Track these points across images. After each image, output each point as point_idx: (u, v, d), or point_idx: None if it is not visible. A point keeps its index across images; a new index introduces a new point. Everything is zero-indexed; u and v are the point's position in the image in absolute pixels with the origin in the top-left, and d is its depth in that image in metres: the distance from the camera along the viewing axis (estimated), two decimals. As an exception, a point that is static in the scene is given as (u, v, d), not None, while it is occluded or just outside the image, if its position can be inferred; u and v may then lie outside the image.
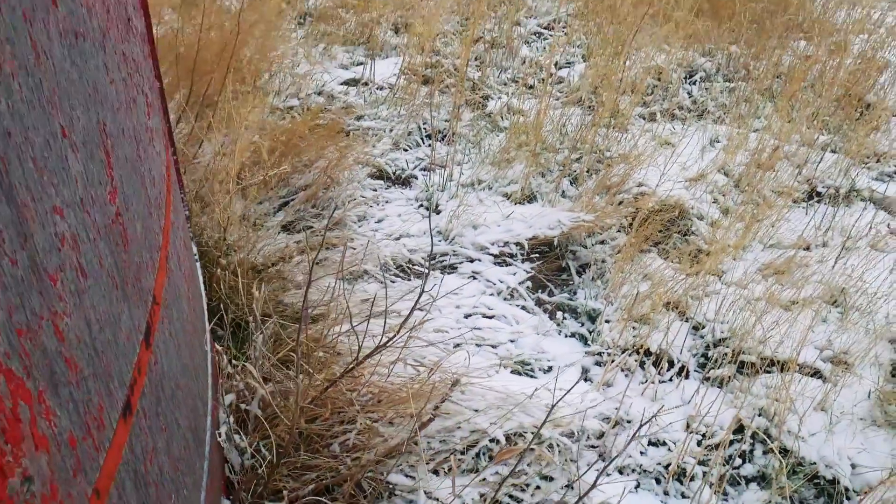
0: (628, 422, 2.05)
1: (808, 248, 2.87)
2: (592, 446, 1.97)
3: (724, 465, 1.97)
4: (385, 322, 1.62)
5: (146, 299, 1.12)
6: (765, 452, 2.04)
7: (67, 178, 0.82)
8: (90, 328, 0.86)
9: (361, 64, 3.89)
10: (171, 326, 1.28)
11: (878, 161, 3.55)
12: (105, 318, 0.91)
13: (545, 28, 4.59)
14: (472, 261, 2.64)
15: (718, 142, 3.53)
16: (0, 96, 0.67)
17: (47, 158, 0.77)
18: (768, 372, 2.26)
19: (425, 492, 1.71)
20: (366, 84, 3.71)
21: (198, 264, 1.95)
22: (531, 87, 3.90)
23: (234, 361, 1.77)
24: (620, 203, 2.84)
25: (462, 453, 1.86)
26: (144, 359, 1.08)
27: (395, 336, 1.52)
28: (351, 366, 1.51)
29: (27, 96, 0.73)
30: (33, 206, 0.73)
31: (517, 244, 2.70)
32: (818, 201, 3.21)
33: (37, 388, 0.68)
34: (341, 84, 3.73)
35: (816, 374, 2.29)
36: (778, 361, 2.27)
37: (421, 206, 2.93)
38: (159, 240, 1.25)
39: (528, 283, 2.60)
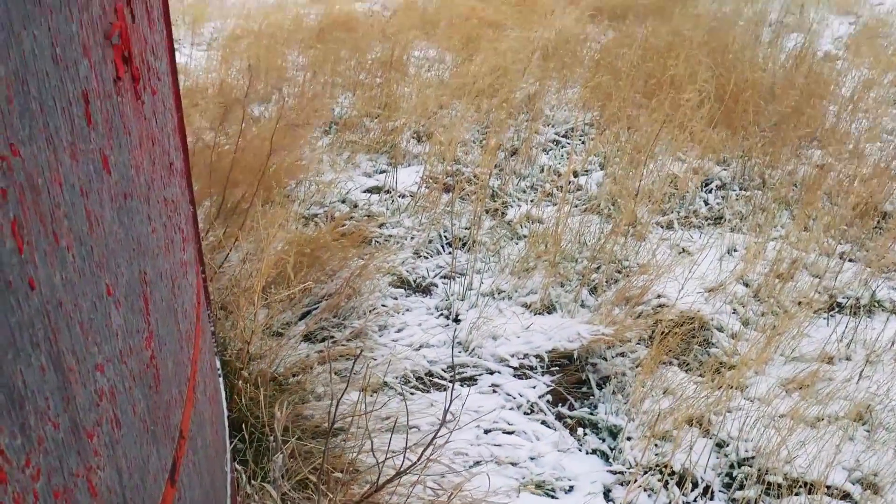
0: (653, 547, 2.00)
1: (831, 362, 2.84)
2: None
3: None
4: (406, 441, 1.63)
5: (173, 436, 1.14)
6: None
7: (109, 334, 0.85)
8: (121, 476, 0.88)
9: (384, 172, 4.01)
10: (195, 458, 1.29)
11: (898, 271, 3.55)
12: (135, 463, 0.93)
13: (563, 136, 4.73)
14: (491, 373, 2.64)
15: (736, 251, 3.56)
16: (55, 269, 0.71)
17: (93, 320, 0.81)
18: (796, 494, 2.20)
19: None
20: (388, 192, 3.81)
21: (220, 378, 1.97)
22: (550, 194, 3.99)
23: (252, 481, 1.77)
24: (640, 315, 2.85)
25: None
26: (169, 497, 1.09)
27: (416, 462, 1.52)
28: (371, 491, 1.51)
29: (79, 265, 0.77)
30: (77, 368, 0.77)
31: (537, 357, 2.71)
32: (839, 312, 3.20)
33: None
34: (364, 192, 3.84)
35: (846, 497, 2.23)
36: (806, 483, 2.22)
37: (441, 314, 2.96)
38: (188, 372, 1.28)
39: (549, 397, 2.59)
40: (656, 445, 2.33)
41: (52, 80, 0.71)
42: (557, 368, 2.71)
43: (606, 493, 2.20)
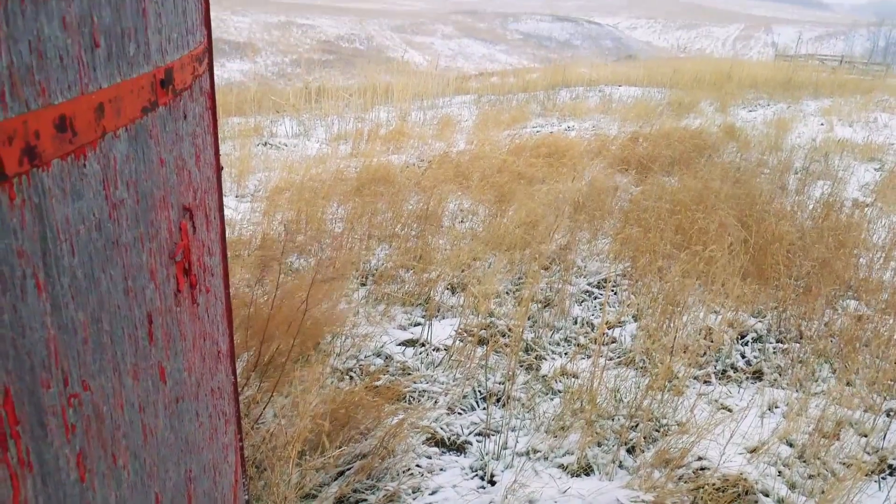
0: None
1: (887, 531, 2.70)
2: None
3: None
4: None
5: None
6: None
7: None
8: None
9: (419, 325, 4.07)
10: None
11: (950, 429, 3.42)
12: None
13: (595, 287, 4.78)
14: (528, 541, 2.55)
15: (777, 407, 3.48)
16: (111, 489, 0.75)
17: (141, 533, 0.83)
18: None
19: None
20: (423, 345, 3.85)
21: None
22: (583, 346, 3.99)
23: None
24: (681, 479, 2.76)
25: None
26: None
27: None
28: None
29: (133, 480, 0.81)
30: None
31: (575, 523, 2.62)
32: (891, 475, 3.06)
33: None
34: (399, 345, 3.88)
35: None
36: None
37: (476, 475, 2.90)
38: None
39: (588, 568, 2.48)
40: None
41: (122, 310, 0.78)
42: (597, 537, 2.61)
43: None
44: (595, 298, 4.63)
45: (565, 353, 3.92)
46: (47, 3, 0.62)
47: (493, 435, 3.13)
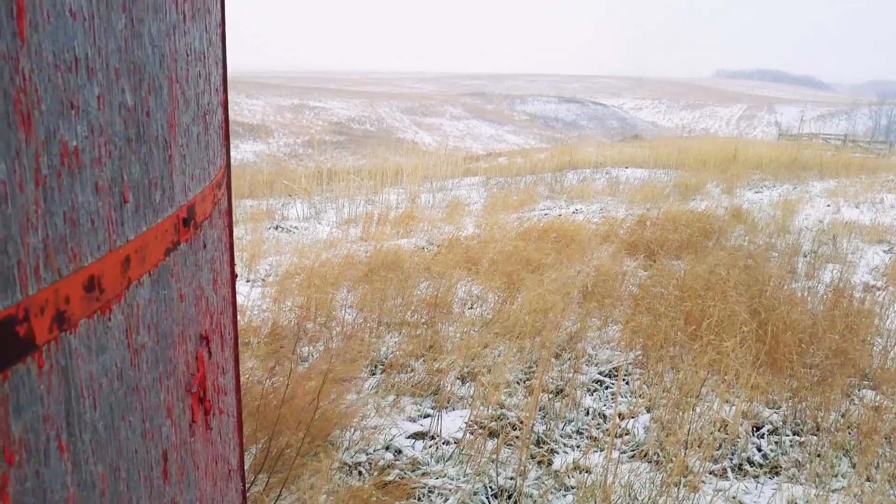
0: None
1: None
2: None
3: None
4: None
5: None
6: None
7: None
8: None
9: (429, 416, 4.03)
10: None
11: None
12: None
13: (606, 376, 4.73)
14: None
15: (797, 505, 3.39)
16: None
17: None
18: None
19: None
20: (433, 438, 3.80)
21: None
22: (596, 439, 3.92)
23: None
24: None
25: None
26: None
27: None
28: None
29: None
30: None
31: None
32: (919, 579, 2.95)
33: None
34: (408, 437, 3.83)
35: None
36: None
37: (487, 579, 2.81)
38: None
39: None
40: None
41: (139, 454, 0.79)
42: None
43: None
44: (606, 388, 4.58)
45: (578, 447, 3.85)
46: (82, 172, 0.66)
47: (504, 535, 3.05)
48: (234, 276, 1.55)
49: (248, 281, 7.09)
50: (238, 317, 5.49)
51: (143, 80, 0.79)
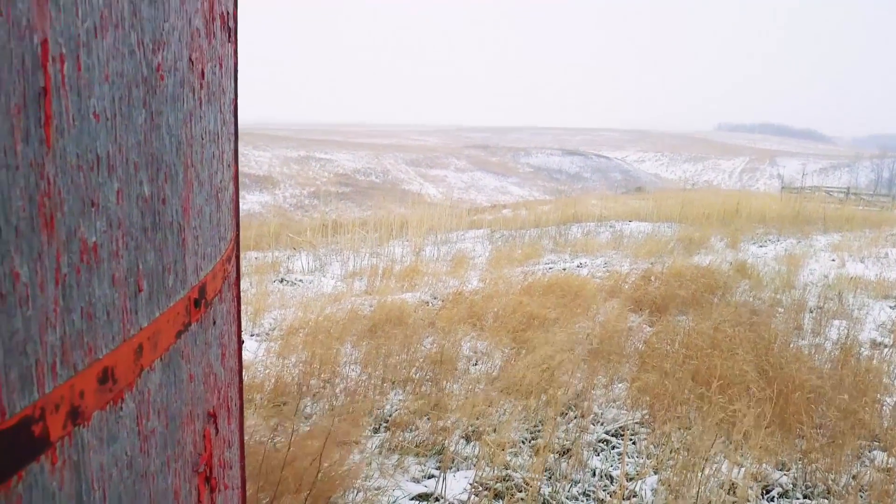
0: None
1: None
2: None
3: None
4: None
5: None
6: None
7: None
8: None
9: (433, 477, 3.97)
10: None
11: None
12: None
13: (613, 435, 4.68)
14: None
15: (810, 572, 3.31)
16: None
17: None
18: None
19: None
20: (437, 500, 3.74)
21: None
22: (602, 501, 3.86)
23: None
24: None
25: None
26: None
27: None
28: None
29: None
30: None
31: None
32: None
33: None
34: (412, 499, 3.77)
35: None
36: None
37: None
38: None
39: None
40: None
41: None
42: None
43: None
44: (613, 448, 4.52)
45: (584, 510, 3.78)
46: (100, 266, 0.67)
47: None
48: (240, 345, 1.56)
49: (252, 335, 7.08)
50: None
51: (160, 169, 0.81)
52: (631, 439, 4.62)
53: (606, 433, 4.70)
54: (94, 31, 0.64)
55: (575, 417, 4.85)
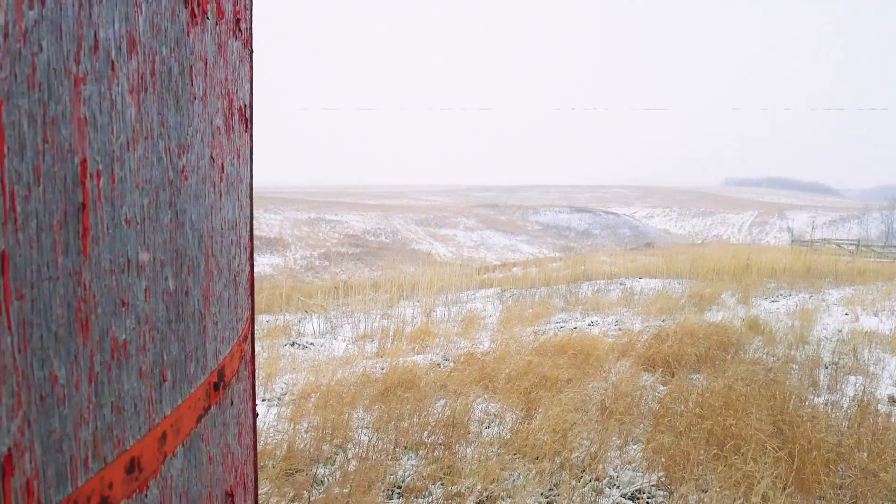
0: None
1: None
2: None
3: None
4: None
5: None
6: None
7: None
8: None
9: (447, 545, 3.91)
10: None
11: None
12: None
13: (629, 498, 4.61)
14: None
15: None
16: None
17: None
18: None
19: None
20: (451, 569, 3.68)
21: None
22: (621, 568, 3.78)
23: None
24: None
25: None
26: None
27: None
28: None
29: None
30: None
31: None
32: None
33: None
34: (427, 569, 3.71)
35: None
36: None
37: None
38: None
39: None
40: None
41: None
42: None
43: None
44: (630, 512, 4.44)
45: (602, 577, 3.71)
46: (129, 361, 0.72)
47: None
48: (255, 418, 1.59)
49: (263, 400, 7.06)
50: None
51: (184, 263, 0.86)
52: (647, 503, 4.54)
53: (622, 496, 4.63)
54: (127, 145, 0.70)
55: (590, 480, 4.79)
